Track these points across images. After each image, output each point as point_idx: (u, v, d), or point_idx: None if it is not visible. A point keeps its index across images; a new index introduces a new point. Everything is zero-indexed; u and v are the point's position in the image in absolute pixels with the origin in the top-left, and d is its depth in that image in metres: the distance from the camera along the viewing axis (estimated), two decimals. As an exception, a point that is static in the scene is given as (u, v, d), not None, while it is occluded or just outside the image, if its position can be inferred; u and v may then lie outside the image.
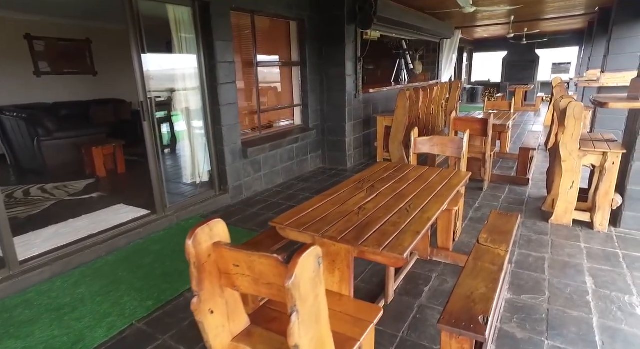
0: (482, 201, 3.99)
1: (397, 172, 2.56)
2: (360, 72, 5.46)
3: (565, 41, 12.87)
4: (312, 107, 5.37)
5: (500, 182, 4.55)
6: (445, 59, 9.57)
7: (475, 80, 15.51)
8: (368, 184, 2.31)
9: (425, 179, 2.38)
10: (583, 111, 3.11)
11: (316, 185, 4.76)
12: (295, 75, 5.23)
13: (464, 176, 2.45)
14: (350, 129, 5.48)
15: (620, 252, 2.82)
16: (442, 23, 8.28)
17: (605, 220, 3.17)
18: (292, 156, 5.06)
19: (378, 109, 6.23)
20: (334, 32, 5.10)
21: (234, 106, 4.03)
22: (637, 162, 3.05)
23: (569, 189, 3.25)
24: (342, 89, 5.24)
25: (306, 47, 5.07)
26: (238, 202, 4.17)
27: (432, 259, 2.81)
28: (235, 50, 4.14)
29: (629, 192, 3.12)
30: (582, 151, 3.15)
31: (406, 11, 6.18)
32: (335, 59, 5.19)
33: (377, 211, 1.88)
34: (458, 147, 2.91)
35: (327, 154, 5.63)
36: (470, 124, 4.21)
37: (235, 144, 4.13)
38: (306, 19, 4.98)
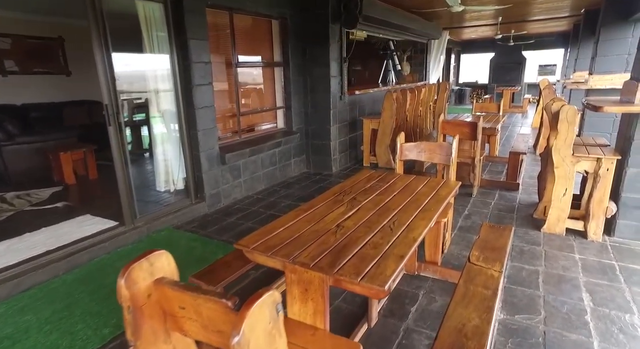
0: (472, 207, 3.83)
1: (381, 181, 2.37)
2: (345, 73, 5.27)
3: (551, 43, 12.91)
4: (296, 110, 5.15)
5: (490, 187, 4.41)
6: (433, 60, 9.46)
7: (463, 82, 15.49)
8: (349, 196, 2.11)
9: (411, 190, 2.19)
10: (576, 115, 2.96)
11: (299, 191, 4.54)
12: (278, 76, 5.01)
13: (453, 186, 2.27)
14: (336, 132, 5.28)
15: (617, 264, 2.68)
16: (429, 23, 8.16)
17: (600, 229, 3.03)
18: (275, 161, 4.84)
19: (365, 111, 6.05)
20: (318, 32, 4.90)
21: (210, 109, 3.79)
22: (631, 168, 2.92)
23: (562, 197, 3.11)
24: (327, 91, 5.04)
25: (289, 47, 4.86)
26: (215, 211, 3.93)
27: (420, 274, 2.62)
28: (213, 50, 3.90)
29: (624, 200, 2.99)
30: (576, 156, 3.00)
31: (393, 11, 6.01)
32: (319, 59, 4.99)
33: (357, 229, 1.67)
34: (447, 153, 2.73)
35: (312, 159, 5.42)
36: (459, 127, 4.05)
37: (213, 149, 3.89)
38: (289, 18, 4.77)
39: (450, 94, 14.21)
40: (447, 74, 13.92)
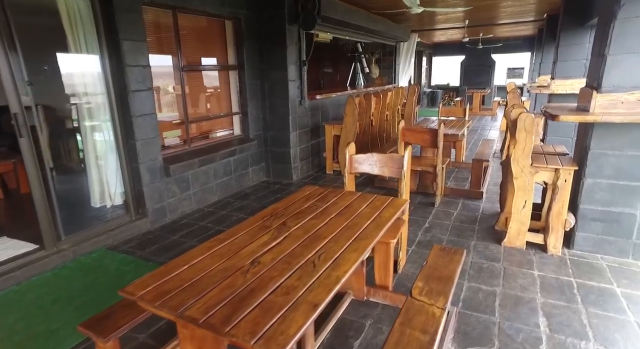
0: (434, 219, 3.65)
1: (321, 201, 2.12)
2: (305, 76, 5.02)
3: (518, 47, 13.12)
4: (253, 116, 4.87)
5: (454, 196, 4.25)
6: (403, 62, 9.36)
7: (435, 84, 15.57)
8: (279, 220, 1.86)
9: (352, 211, 1.96)
10: (534, 123, 2.82)
11: (255, 203, 4.26)
12: (233, 80, 4.71)
13: (400, 204, 2.05)
14: (296, 139, 5.03)
15: (574, 282, 2.53)
16: (397, 26, 8.04)
17: (559, 242, 2.89)
18: (230, 170, 4.54)
19: (328, 116, 5.83)
20: (275, 33, 4.64)
21: (151, 117, 3.46)
22: (588, 179, 2.80)
23: (522, 209, 2.96)
24: (285, 96, 4.79)
25: (244, 49, 4.57)
26: (159, 228, 3.60)
27: (369, 299, 2.39)
28: (154, 52, 3.59)
29: (581, 211, 2.86)
30: (534, 167, 2.86)
31: (355, 12, 5.82)
32: (276, 62, 4.72)
33: (274, 266, 1.42)
34: (398, 166, 2.52)
35: (272, 167, 5.15)
36: (420, 134, 3.88)
37: (155, 160, 3.56)
38: (243, 18, 4.48)
39: (423, 96, 14.23)
40: (419, 76, 13.93)
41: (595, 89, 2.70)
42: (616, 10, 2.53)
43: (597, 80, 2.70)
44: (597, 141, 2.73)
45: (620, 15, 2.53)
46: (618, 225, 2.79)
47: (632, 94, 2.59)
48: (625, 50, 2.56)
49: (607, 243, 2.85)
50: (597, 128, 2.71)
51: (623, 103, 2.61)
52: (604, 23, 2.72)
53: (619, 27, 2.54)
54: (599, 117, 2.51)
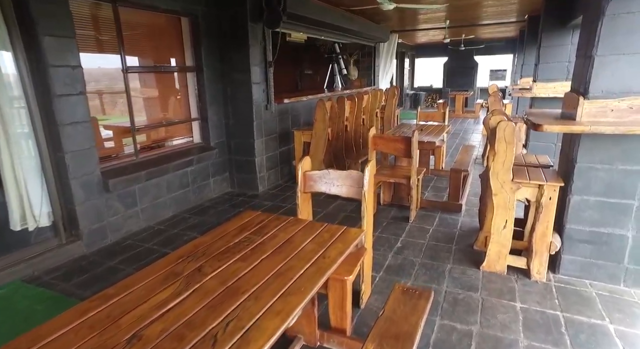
0: (407, 237, 3.30)
1: (257, 232, 1.73)
2: (272, 79, 4.63)
3: (500, 48, 12.98)
4: (214, 122, 4.45)
5: (431, 209, 3.92)
6: (383, 64, 9.04)
7: (418, 86, 15.35)
8: (196, 262, 1.46)
9: (292, 248, 1.57)
10: (515, 133, 2.49)
11: (214, 218, 3.84)
12: (191, 83, 4.29)
13: (353, 238, 1.68)
14: (262, 147, 4.62)
15: (562, 317, 2.20)
16: (376, 26, 7.71)
17: (543, 267, 2.56)
18: (186, 182, 4.11)
19: (300, 121, 5.45)
20: (236, 32, 4.23)
21: (84, 125, 3.02)
22: (575, 196, 2.48)
23: (502, 230, 2.62)
24: (249, 100, 4.38)
25: (202, 49, 4.15)
26: (96, 251, 3.15)
27: (322, 345, 2.01)
28: (90, 51, 3.15)
29: (568, 232, 2.54)
30: (516, 182, 2.52)
31: (328, 9, 5.45)
32: (238, 63, 4.32)
33: (159, 344, 1.02)
34: (358, 185, 2.15)
35: (236, 177, 4.74)
36: (392, 143, 3.53)
37: (91, 174, 3.11)
38: (200, 15, 4.07)
39: (405, 98, 13.99)
40: (402, 78, 13.67)
41: (582, 95, 2.38)
42: (604, 5, 2.21)
43: (584, 84, 2.39)
44: (585, 154, 2.41)
45: (609, 11, 2.22)
46: (608, 248, 2.47)
47: (622, 100, 2.28)
48: (615, 50, 2.25)
49: (597, 268, 2.53)
50: (584, 139, 2.39)
51: (613, 111, 2.30)
52: (590, 20, 2.41)
53: (608, 24, 2.23)
54: (587, 127, 2.19)
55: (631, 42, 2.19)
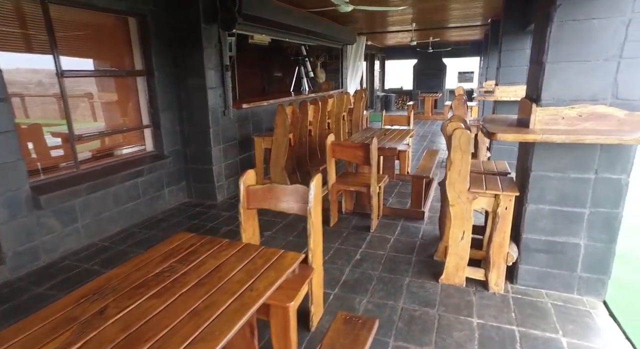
0: (367, 248, 3.18)
1: (184, 260, 1.55)
2: (229, 83, 4.42)
3: (467, 51, 13.22)
4: (168, 129, 4.21)
5: (394, 216, 3.82)
6: (351, 66, 8.97)
7: (388, 88, 15.43)
8: (101, 303, 1.26)
9: (218, 279, 1.40)
10: (471, 141, 2.41)
11: (166, 232, 3.61)
12: (142, 88, 4.03)
13: (289, 264, 1.52)
14: (219, 155, 4.41)
15: (517, 332, 2.13)
16: (342, 28, 7.63)
17: (501, 279, 2.50)
18: (137, 194, 3.85)
19: (262, 126, 5.26)
20: (189, 34, 4.01)
21: (7, 136, 2.73)
22: (531, 205, 2.43)
23: (460, 241, 2.54)
24: (204, 105, 4.17)
25: (152, 52, 3.90)
26: (25, 276, 2.86)
27: (266, 378, 1.85)
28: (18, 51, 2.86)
29: (524, 242, 2.49)
30: (472, 192, 2.45)
31: (288, 10, 5.29)
32: (192, 67, 4.10)
33: None
34: (303, 200, 2.00)
35: (193, 186, 4.50)
36: (351, 150, 3.41)
37: (18, 190, 2.82)
38: (149, 16, 3.82)
39: (376, 100, 14.02)
40: (372, 80, 13.69)
41: (534, 102, 2.33)
42: (552, 12, 2.17)
43: (537, 91, 2.34)
44: (539, 162, 2.36)
45: (556, 18, 2.17)
46: (562, 256, 2.43)
47: (572, 108, 2.24)
48: (564, 57, 2.21)
49: (552, 277, 2.49)
50: (538, 147, 2.34)
51: (564, 119, 2.26)
52: (540, 26, 2.36)
53: (556, 31, 2.18)
54: (539, 136, 2.13)
55: (578, 49, 2.15)
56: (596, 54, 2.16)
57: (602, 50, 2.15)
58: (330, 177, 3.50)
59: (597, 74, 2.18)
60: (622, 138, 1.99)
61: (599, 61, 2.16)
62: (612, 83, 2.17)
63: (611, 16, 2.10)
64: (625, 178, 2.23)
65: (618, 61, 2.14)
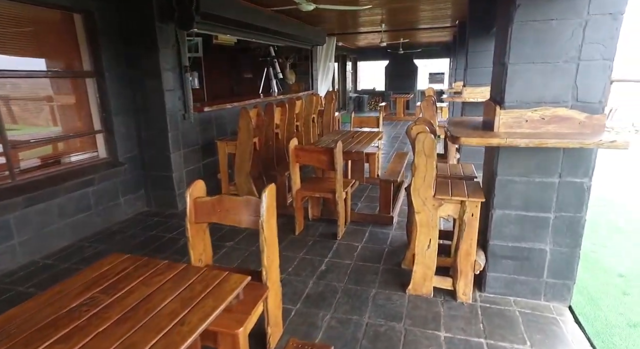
0: (333, 257, 3.04)
1: (108, 290, 1.35)
2: (189, 85, 4.19)
3: (437, 52, 13.40)
4: (123, 134, 3.93)
5: (362, 222, 3.71)
6: (321, 67, 8.85)
7: (361, 89, 15.44)
8: None
9: (146, 311, 1.22)
10: (436, 145, 2.31)
11: (120, 245, 3.35)
12: (92, 90, 3.74)
13: (231, 289, 1.36)
14: (180, 160, 4.17)
15: (485, 344, 2.04)
16: (311, 28, 7.49)
17: (469, 288, 2.42)
18: (88, 205, 3.56)
19: (227, 130, 5.04)
20: (143, 33, 3.76)
21: None
22: (497, 210, 2.36)
23: (426, 250, 2.44)
24: (162, 108, 3.92)
25: (101, 51, 3.63)
26: (-48, 301, 2.55)
27: None
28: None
29: (491, 248, 2.42)
30: (437, 199, 2.35)
31: (251, 10, 5.09)
32: (148, 68, 3.84)
33: None
34: (255, 213, 1.83)
35: (152, 194, 4.24)
36: (315, 154, 3.26)
37: (-59, 206, 2.51)
38: (96, 12, 3.54)
39: (349, 101, 13.99)
40: (344, 81, 13.64)
41: (498, 104, 2.26)
42: (513, 12, 2.10)
43: (500, 93, 2.27)
44: (504, 166, 2.29)
45: (517, 19, 2.11)
46: (529, 263, 2.38)
47: (535, 110, 2.18)
48: (526, 59, 2.15)
49: (519, 283, 2.43)
50: (503, 151, 2.27)
51: (527, 121, 2.20)
52: (502, 27, 2.30)
53: (517, 32, 2.12)
54: (503, 140, 2.06)
55: (539, 50, 2.09)
56: (556, 55, 2.10)
57: (561, 52, 2.10)
58: (294, 184, 3.35)
59: (558, 76, 2.13)
60: (584, 142, 1.94)
61: (559, 63, 2.12)
62: (572, 85, 2.13)
63: (568, 17, 2.06)
64: (587, 182, 2.19)
65: (577, 63, 2.10)
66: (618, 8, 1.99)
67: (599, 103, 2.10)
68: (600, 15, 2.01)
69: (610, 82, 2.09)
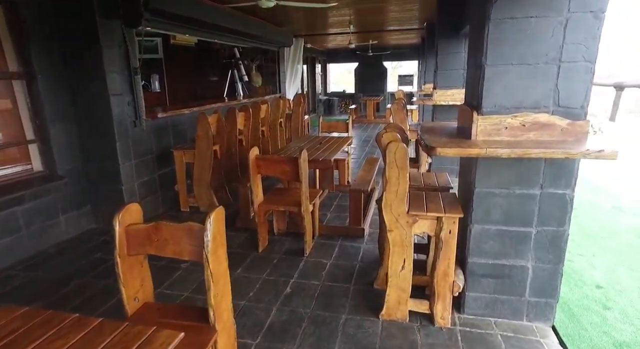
0: (299, 278, 2.76)
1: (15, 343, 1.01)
2: (140, 89, 3.79)
3: (406, 54, 13.43)
4: (62, 144, 3.49)
5: (332, 235, 3.45)
6: (290, 69, 8.56)
7: (331, 92, 15.27)
8: None
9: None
10: (407, 155, 2.08)
11: (55, 272, 2.92)
12: (21, 94, 3.28)
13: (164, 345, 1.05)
14: (131, 172, 3.77)
15: (470, 379, 1.83)
16: (277, 29, 7.20)
17: (447, 312, 2.20)
18: (15, 226, 3.11)
19: (186, 137, 4.66)
20: (82, 31, 3.35)
21: None
22: (476, 225, 2.16)
23: (401, 271, 2.21)
24: (108, 115, 3.51)
25: (30, 50, 3.19)
26: None
27: None
28: None
29: (470, 267, 2.22)
30: (412, 215, 2.12)
31: (206, 6, 4.70)
32: (90, 70, 3.43)
33: None
34: (198, 243, 1.52)
35: (101, 210, 3.80)
36: (277, 165, 2.98)
37: None
38: (21, 4, 3.10)
39: (319, 104, 13.77)
40: (313, 84, 13.41)
41: (475, 110, 2.06)
42: (489, 8, 1.91)
43: (477, 98, 2.07)
44: (483, 177, 2.09)
45: (494, 16, 1.92)
46: (510, 281, 2.19)
47: (515, 116, 1.99)
48: (504, 60, 1.96)
49: (500, 303, 2.24)
50: (481, 161, 2.07)
51: (507, 128, 2.01)
52: (477, 25, 2.11)
53: (495, 30, 1.93)
54: (482, 150, 1.85)
55: (518, 51, 1.91)
56: (536, 56, 1.93)
57: (542, 53, 1.92)
58: (256, 197, 3.04)
59: (539, 79, 1.95)
60: (569, 152, 1.76)
61: (540, 65, 1.94)
62: (553, 89, 1.96)
63: (548, 15, 1.88)
64: (570, 193, 2.03)
65: (558, 65, 1.93)
66: (599, 6, 1.84)
67: (581, 108, 1.94)
68: (581, 13, 1.85)
69: (592, 86, 1.94)
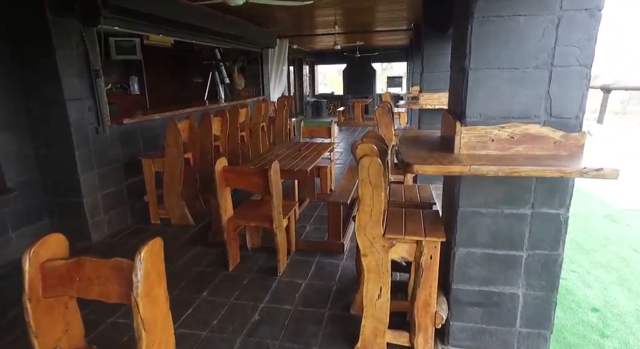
0: (270, 302, 2.51)
1: None
2: (103, 93, 3.51)
3: (394, 56, 13.27)
4: (12, 154, 3.19)
5: (309, 251, 3.21)
6: (274, 71, 8.31)
7: (319, 93, 15.04)
8: None
9: None
10: (382, 173, 1.85)
11: (2, 296, 2.62)
12: (-34, 99, 2.98)
13: None
14: (94, 182, 3.48)
15: None
16: (259, 29, 6.94)
17: (429, 344, 1.97)
18: (-42, 246, 2.80)
19: (158, 144, 4.36)
20: (33, 29, 3.06)
21: None
22: (460, 248, 1.93)
23: (377, 300, 1.97)
24: (64, 122, 3.22)
25: (-25, 50, 2.89)
26: None
27: None
28: None
29: (455, 294, 1.99)
30: (388, 239, 1.89)
31: (175, 4, 4.38)
32: (44, 72, 3.14)
33: None
34: (126, 284, 1.27)
35: (59, 224, 3.50)
36: (247, 177, 2.72)
37: None
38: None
39: (306, 106, 13.53)
40: (301, 85, 13.16)
41: (459, 119, 1.84)
42: (472, 5, 1.68)
43: (461, 105, 1.85)
44: (468, 196, 1.87)
45: (477, 13, 1.69)
46: (499, 310, 1.97)
47: (502, 128, 1.77)
48: (489, 63, 1.73)
49: (488, 334, 2.02)
50: (466, 178, 1.85)
51: (494, 141, 1.79)
52: (460, 25, 1.89)
53: (479, 29, 1.70)
54: (466, 167, 1.62)
55: (505, 53, 1.69)
56: (525, 59, 1.71)
57: (531, 55, 1.71)
58: (224, 212, 2.78)
59: (528, 85, 1.73)
60: (564, 170, 1.54)
61: (529, 69, 1.72)
62: (544, 96, 1.74)
63: (538, 13, 1.67)
64: (564, 213, 1.82)
65: (550, 70, 1.72)
66: (595, 3, 1.62)
67: (576, 118, 1.73)
68: (575, 11, 1.63)
69: (587, 93, 1.73)
